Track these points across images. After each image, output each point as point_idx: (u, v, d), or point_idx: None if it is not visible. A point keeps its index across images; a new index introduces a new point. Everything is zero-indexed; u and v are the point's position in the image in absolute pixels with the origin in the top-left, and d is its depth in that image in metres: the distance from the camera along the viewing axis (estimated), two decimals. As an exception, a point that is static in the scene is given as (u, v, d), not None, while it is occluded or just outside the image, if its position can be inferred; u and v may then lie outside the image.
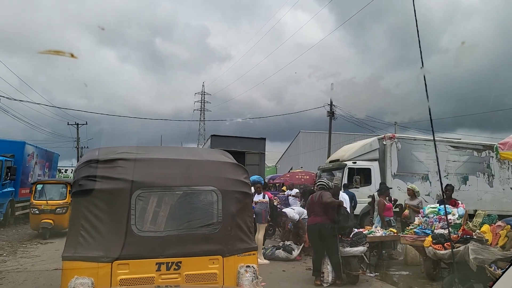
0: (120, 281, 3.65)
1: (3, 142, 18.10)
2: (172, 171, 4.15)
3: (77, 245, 3.74)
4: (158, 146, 7.89)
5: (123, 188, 3.83)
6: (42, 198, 13.37)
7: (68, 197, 13.08)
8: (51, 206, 13.08)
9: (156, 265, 3.77)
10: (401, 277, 8.06)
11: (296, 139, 42.56)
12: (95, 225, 3.77)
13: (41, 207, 13.05)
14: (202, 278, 3.90)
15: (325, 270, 7.27)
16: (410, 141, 14.66)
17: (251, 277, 3.96)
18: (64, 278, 3.67)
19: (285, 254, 9.65)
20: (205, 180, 4.20)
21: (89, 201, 3.82)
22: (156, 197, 4.04)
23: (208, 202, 4.19)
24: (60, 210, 13.12)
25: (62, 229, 13.02)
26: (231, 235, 4.09)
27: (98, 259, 3.66)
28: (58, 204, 13.24)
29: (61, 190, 13.89)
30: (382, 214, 9.43)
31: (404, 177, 13.93)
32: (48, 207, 13.05)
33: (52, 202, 13.25)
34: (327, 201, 7.20)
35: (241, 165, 4.62)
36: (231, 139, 21.79)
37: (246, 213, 4.33)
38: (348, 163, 13.97)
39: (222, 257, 3.98)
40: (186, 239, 3.96)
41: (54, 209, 13.06)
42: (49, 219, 12.91)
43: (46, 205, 13.10)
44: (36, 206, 13.09)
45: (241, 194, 4.28)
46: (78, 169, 4.06)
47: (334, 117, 27.41)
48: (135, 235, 3.79)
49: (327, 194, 7.39)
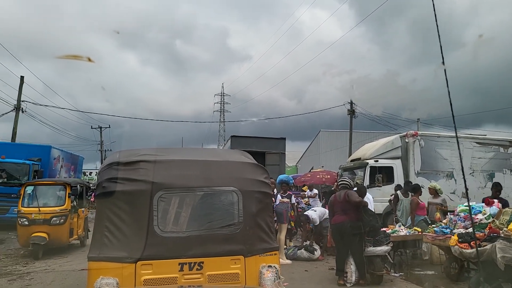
0: (144, 281, 3.71)
1: (30, 146, 18.63)
2: (192, 172, 4.19)
3: (102, 246, 3.82)
4: (179, 148, 7.99)
5: (145, 189, 3.89)
6: (33, 204, 10.31)
7: (67, 202, 10.51)
8: (44, 215, 10.07)
9: (178, 265, 3.81)
10: (426, 277, 7.91)
11: (317, 138, 42.29)
12: (119, 226, 3.84)
13: (32, 216, 10.00)
14: (224, 278, 3.92)
15: (349, 270, 7.21)
16: (434, 138, 14.37)
17: (273, 277, 3.96)
18: (90, 278, 3.75)
19: (307, 254, 9.61)
20: (226, 181, 4.22)
21: (112, 202, 3.90)
22: (178, 198, 4.08)
23: (228, 202, 4.21)
24: (57, 219, 10.17)
25: (60, 244, 10.52)
26: (252, 235, 4.09)
27: (122, 260, 3.72)
28: (54, 212, 10.23)
29: (58, 193, 10.86)
30: (414, 213, 9.29)
31: (428, 175, 13.67)
32: (41, 217, 10.03)
33: (46, 209, 10.22)
34: (356, 201, 7.17)
35: (261, 165, 4.63)
36: (251, 139, 21.82)
37: (266, 213, 4.34)
38: (370, 162, 13.80)
39: (244, 257, 3.99)
40: (208, 239, 3.99)
41: (49, 219, 10.06)
42: (42, 232, 9.96)
43: (38, 213, 10.05)
44: (25, 215, 10.06)
45: (261, 194, 4.29)
46: (101, 172, 4.15)
47: (355, 115, 27.16)
48: (158, 235, 3.84)
49: (355, 193, 7.37)
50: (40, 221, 10.04)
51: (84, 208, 12.06)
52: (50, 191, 10.99)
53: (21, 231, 10.18)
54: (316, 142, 42.11)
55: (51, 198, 10.73)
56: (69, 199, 10.56)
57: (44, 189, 10.99)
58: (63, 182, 11.19)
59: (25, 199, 10.42)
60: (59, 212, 10.30)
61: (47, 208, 10.29)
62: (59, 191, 10.86)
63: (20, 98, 22.51)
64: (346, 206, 7.23)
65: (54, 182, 11.67)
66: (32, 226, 9.97)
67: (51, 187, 11.11)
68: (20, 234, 10.23)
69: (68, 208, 10.49)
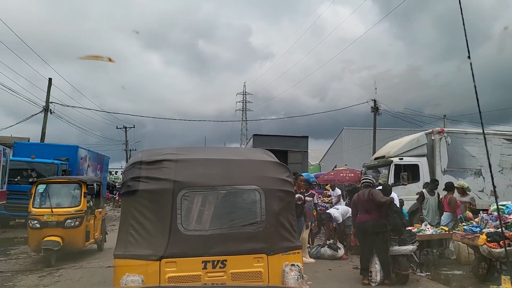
0: (168, 278, 3.76)
1: (59, 146, 19.17)
2: (215, 171, 4.22)
3: (127, 244, 3.90)
4: (201, 147, 8.07)
5: (168, 188, 3.95)
6: (45, 204, 9.45)
7: (83, 202, 9.55)
8: (58, 217, 9.15)
9: (202, 263, 3.85)
10: (454, 277, 7.73)
11: (340, 136, 41.94)
12: (143, 224, 3.91)
13: (43, 218, 9.08)
14: (247, 276, 3.93)
15: (373, 269, 7.12)
16: (461, 135, 14.01)
17: (296, 276, 3.95)
18: (116, 275, 3.83)
19: (330, 252, 9.54)
20: (248, 179, 4.24)
21: (136, 201, 3.97)
22: (201, 196, 4.12)
23: (251, 201, 4.22)
24: (72, 221, 9.22)
25: (75, 249, 9.59)
26: (275, 233, 4.09)
27: (147, 257, 3.79)
28: (68, 213, 9.29)
29: (73, 192, 9.98)
30: (456, 211, 9.15)
31: (455, 173, 13.33)
32: (54, 218, 9.12)
33: (60, 210, 9.32)
34: (381, 201, 7.09)
35: (283, 164, 4.62)
36: (273, 138, 21.80)
37: (289, 212, 4.33)
38: (395, 160, 13.56)
39: (266, 256, 4.00)
40: (231, 237, 4.01)
41: (63, 221, 9.13)
42: (55, 235, 8.99)
43: (51, 215, 9.14)
44: (36, 217, 9.12)
45: (283, 192, 4.28)
46: (126, 171, 4.23)
47: (379, 112, 26.74)
48: (182, 234, 3.89)
49: (379, 192, 7.31)
50: (53, 224, 9.06)
51: (101, 209, 11.26)
52: (64, 190, 10.07)
53: (32, 234, 9.14)
54: (339, 140, 41.76)
55: (65, 198, 9.85)
56: (84, 199, 9.60)
57: (57, 187, 10.04)
58: (78, 180, 10.09)
59: (37, 199, 9.52)
60: (74, 214, 9.32)
61: (60, 209, 9.34)
62: (73, 190, 9.95)
63: (48, 100, 23.18)
64: (370, 205, 7.15)
65: (68, 180, 10.59)
66: (44, 229, 8.98)
67: (65, 186, 10.17)
68: (31, 238, 9.19)
69: (83, 209, 9.51)
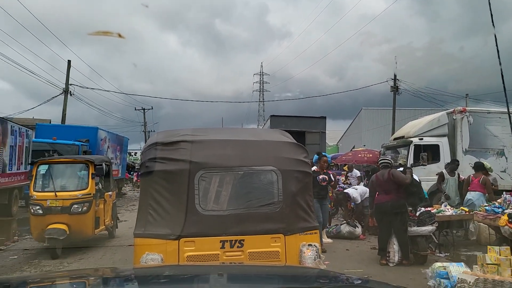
0: (187, 257, 3.83)
1: (79, 128, 19.50)
2: (232, 152, 4.23)
3: (146, 223, 3.97)
4: (218, 128, 8.09)
5: (185, 169, 3.98)
6: (48, 187, 8.43)
7: (91, 184, 8.47)
8: (63, 202, 8.08)
9: (220, 242, 3.90)
10: (473, 258, 7.65)
11: (358, 116, 41.41)
12: (162, 204, 3.97)
13: (47, 203, 8.03)
14: (264, 255, 3.97)
15: (391, 250, 7.10)
16: (483, 114, 13.65)
17: (314, 256, 3.97)
18: (137, 254, 3.93)
19: (349, 228, 9.56)
20: (265, 160, 4.24)
21: (155, 181, 4.02)
22: (218, 177, 4.15)
23: (268, 181, 4.23)
24: (79, 207, 8.17)
25: (83, 237, 8.47)
26: (292, 214, 4.11)
27: (166, 237, 3.86)
28: (75, 198, 8.21)
29: (79, 173, 8.92)
30: (492, 192, 8.97)
31: (476, 153, 13.05)
32: (58, 204, 8.06)
33: (65, 194, 8.25)
34: (405, 181, 7.07)
35: (301, 145, 4.60)
36: (290, 118, 21.69)
37: (306, 192, 4.33)
38: (414, 140, 13.34)
39: (284, 236, 4.03)
40: (248, 218, 4.04)
41: (69, 206, 8.06)
42: (61, 223, 7.95)
43: (55, 199, 8.07)
44: (39, 202, 8.10)
45: (301, 173, 4.27)
46: (144, 152, 4.28)
47: (398, 92, 26.23)
48: (200, 213, 3.94)
49: (400, 173, 7.28)
50: (58, 209, 8.01)
51: (111, 192, 10.05)
52: (69, 171, 9.00)
53: (34, 222, 8.16)
54: (358, 121, 41.26)
55: (71, 180, 8.81)
56: (92, 181, 8.53)
57: (62, 168, 8.93)
58: (85, 160, 8.98)
59: (38, 182, 8.51)
60: (81, 198, 8.23)
61: (65, 192, 8.31)
62: (80, 171, 8.90)
63: (68, 82, 23.48)
64: (389, 185, 7.09)
65: (74, 159, 9.43)
66: (48, 216, 7.97)
67: (70, 166, 9.05)
68: (34, 225, 8.20)
69: (92, 192, 8.44)
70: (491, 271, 4.10)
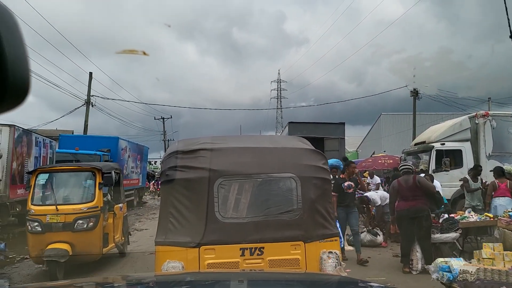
0: (208, 265, 3.84)
1: (100, 138, 19.84)
2: (251, 159, 4.25)
3: (167, 231, 4.01)
4: (237, 135, 8.10)
5: (205, 176, 4.02)
6: (49, 200, 7.38)
7: (98, 196, 7.38)
8: (65, 217, 6.99)
9: (240, 250, 3.91)
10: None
11: (378, 122, 41.05)
12: (182, 212, 4.01)
13: (46, 218, 6.95)
14: (284, 263, 3.96)
15: (414, 257, 6.97)
16: (507, 118, 13.34)
17: (334, 263, 3.93)
18: (158, 261, 3.96)
19: (370, 237, 9.42)
20: (284, 167, 4.24)
21: (175, 189, 4.07)
22: (237, 184, 4.17)
23: (287, 188, 4.23)
24: (84, 222, 7.07)
25: (90, 257, 7.30)
26: (311, 221, 4.09)
27: (187, 244, 3.89)
28: (79, 212, 7.12)
29: (85, 183, 7.79)
30: None
31: (500, 158, 12.74)
32: (60, 219, 6.98)
33: (68, 207, 7.15)
34: (432, 189, 7.02)
35: (319, 151, 4.59)
36: (309, 125, 21.61)
37: (325, 199, 4.31)
38: (436, 145, 13.12)
39: (303, 243, 4.01)
40: (268, 225, 4.04)
41: (72, 222, 6.98)
42: (63, 241, 6.89)
43: (56, 214, 6.99)
44: (37, 218, 6.98)
45: (320, 180, 4.26)
46: (164, 161, 4.34)
47: (419, 96, 25.87)
48: (219, 221, 3.96)
49: (427, 181, 7.23)
50: (59, 226, 6.93)
51: (122, 204, 8.83)
52: (73, 180, 7.90)
53: (32, 241, 7.06)
54: (377, 126, 40.89)
55: (75, 191, 7.73)
56: (100, 192, 7.44)
57: (64, 178, 7.86)
58: (91, 167, 7.76)
59: (37, 193, 7.44)
60: (86, 212, 7.15)
61: (68, 206, 7.22)
62: (85, 181, 7.79)
63: (89, 93, 24.01)
64: (413, 191, 6.99)
65: (78, 167, 8.21)
66: (48, 234, 6.89)
67: (74, 175, 7.92)
68: (32, 245, 7.08)
69: (99, 204, 7.34)
70: (487, 264, 4.40)
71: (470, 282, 3.78)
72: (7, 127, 10.76)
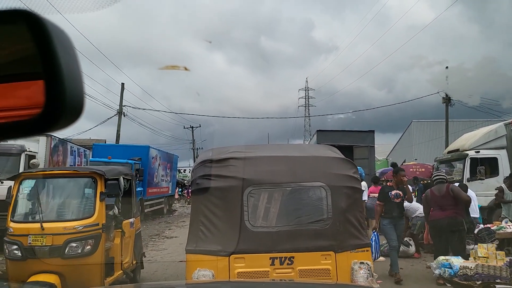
0: (238, 274, 3.86)
1: (131, 147, 20.32)
2: (280, 168, 4.25)
3: (197, 240, 4.06)
4: (266, 144, 8.13)
5: (235, 185, 4.05)
6: (33, 216, 5.61)
7: (98, 209, 5.51)
8: (53, 239, 5.18)
9: (270, 259, 3.90)
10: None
11: (408, 129, 40.18)
12: (213, 221, 4.05)
13: (28, 240, 5.14)
14: (315, 273, 3.93)
15: (448, 269, 6.77)
16: (545, 124, 12.83)
17: (366, 274, 3.87)
18: (188, 269, 4.01)
19: (402, 248, 9.19)
20: (313, 176, 4.23)
21: (205, 198, 4.12)
22: (266, 193, 4.18)
23: (317, 198, 4.21)
24: (78, 246, 5.26)
25: None
26: (342, 230, 4.05)
27: (217, 253, 3.92)
28: (72, 232, 5.27)
29: (81, 193, 6.00)
30: None
31: (539, 166, 12.23)
32: (46, 241, 5.15)
33: (56, 225, 5.36)
34: (467, 199, 6.85)
35: (349, 160, 4.56)
36: (337, 133, 21.33)
37: (356, 208, 4.26)
38: (470, 153, 12.74)
39: (334, 253, 3.97)
40: (298, 234, 4.03)
41: (62, 246, 5.17)
42: (49, 272, 5.11)
43: (41, 235, 5.16)
44: (16, 239, 5.23)
45: (350, 189, 4.22)
46: (195, 169, 4.40)
47: (451, 103, 25.20)
48: (249, 230, 3.98)
49: (460, 189, 7.05)
50: (45, 251, 5.11)
51: (133, 219, 6.91)
52: (66, 189, 6.05)
53: (11, 269, 5.44)
54: (408, 134, 40.04)
55: (68, 203, 5.87)
56: (102, 204, 5.58)
57: (56, 186, 6.03)
58: (90, 172, 5.84)
59: (20, 206, 5.64)
60: (82, 231, 5.28)
61: (58, 223, 5.41)
62: (83, 190, 5.97)
63: (121, 103, 24.69)
64: (446, 201, 6.82)
65: (73, 171, 6.48)
66: (30, 261, 5.13)
67: (68, 182, 6.07)
68: (11, 275, 5.45)
69: (100, 221, 5.46)
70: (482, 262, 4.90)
71: (470, 276, 4.39)
72: (44, 137, 11.16)
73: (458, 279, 4.54)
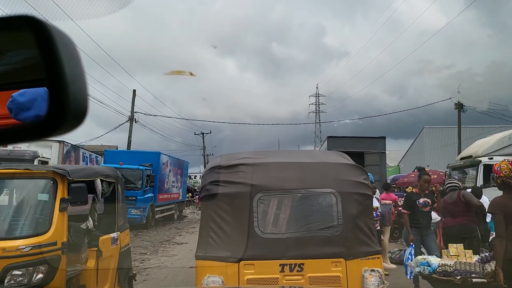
0: (247, 280, 3.84)
1: (143, 153, 20.46)
2: (290, 174, 4.24)
3: (207, 246, 4.06)
4: (276, 150, 8.09)
5: (245, 191, 4.05)
6: None
7: (56, 221, 3.99)
8: None
9: (279, 266, 3.88)
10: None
11: (420, 135, 39.85)
12: (222, 227, 4.04)
13: None
14: (325, 280, 3.89)
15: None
16: (561, 130, 12.63)
17: (377, 282, 3.83)
18: (198, 275, 4.01)
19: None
20: (323, 183, 4.20)
21: (215, 204, 4.12)
22: (276, 199, 4.17)
23: (327, 204, 4.18)
24: (24, 274, 3.77)
25: None
26: (352, 237, 4.01)
27: (226, 259, 3.91)
28: (16, 254, 3.74)
29: (33, 200, 4.42)
30: None
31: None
32: None
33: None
34: (477, 204, 6.76)
35: (360, 166, 4.52)
36: (348, 139, 21.22)
37: (367, 215, 4.22)
38: (483, 159, 12.56)
39: (344, 260, 3.93)
40: (308, 241, 4.00)
41: (0, 277, 3.63)
42: None
43: None
44: None
45: (361, 195, 4.18)
46: (205, 175, 4.41)
47: (463, 109, 24.93)
48: (259, 236, 3.96)
49: (471, 195, 6.96)
50: None
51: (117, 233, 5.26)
52: (12, 195, 4.70)
53: None
54: (420, 140, 39.70)
55: (13, 214, 4.51)
56: (63, 215, 4.12)
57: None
58: (48, 172, 4.37)
59: None
60: (29, 254, 3.84)
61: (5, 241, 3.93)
62: (36, 196, 4.49)
63: (133, 110, 24.92)
64: (457, 207, 6.72)
65: (24, 171, 4.38)
66: None
67: (14, 185, 4.68)
68: None
69: (59, 239, 4.04)
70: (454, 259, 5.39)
71: (450, 272, 4.85)
72: (57, 143, 11.34)
73: (437, 275, 5.03)
